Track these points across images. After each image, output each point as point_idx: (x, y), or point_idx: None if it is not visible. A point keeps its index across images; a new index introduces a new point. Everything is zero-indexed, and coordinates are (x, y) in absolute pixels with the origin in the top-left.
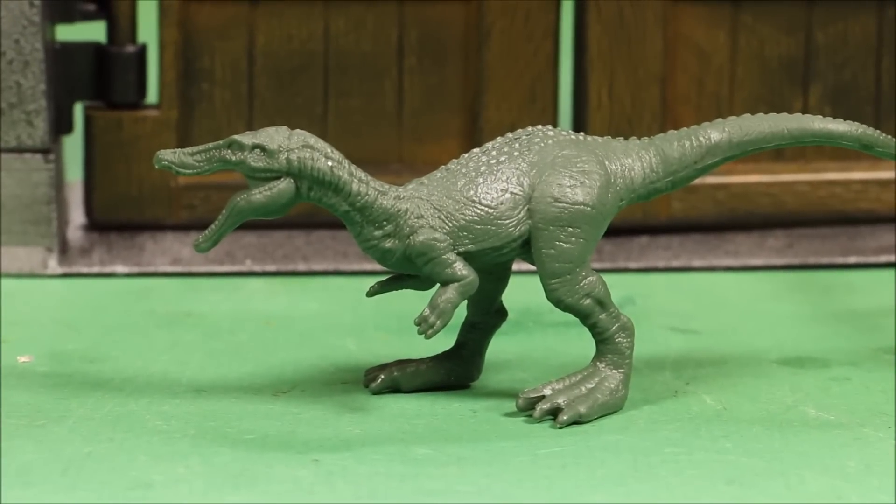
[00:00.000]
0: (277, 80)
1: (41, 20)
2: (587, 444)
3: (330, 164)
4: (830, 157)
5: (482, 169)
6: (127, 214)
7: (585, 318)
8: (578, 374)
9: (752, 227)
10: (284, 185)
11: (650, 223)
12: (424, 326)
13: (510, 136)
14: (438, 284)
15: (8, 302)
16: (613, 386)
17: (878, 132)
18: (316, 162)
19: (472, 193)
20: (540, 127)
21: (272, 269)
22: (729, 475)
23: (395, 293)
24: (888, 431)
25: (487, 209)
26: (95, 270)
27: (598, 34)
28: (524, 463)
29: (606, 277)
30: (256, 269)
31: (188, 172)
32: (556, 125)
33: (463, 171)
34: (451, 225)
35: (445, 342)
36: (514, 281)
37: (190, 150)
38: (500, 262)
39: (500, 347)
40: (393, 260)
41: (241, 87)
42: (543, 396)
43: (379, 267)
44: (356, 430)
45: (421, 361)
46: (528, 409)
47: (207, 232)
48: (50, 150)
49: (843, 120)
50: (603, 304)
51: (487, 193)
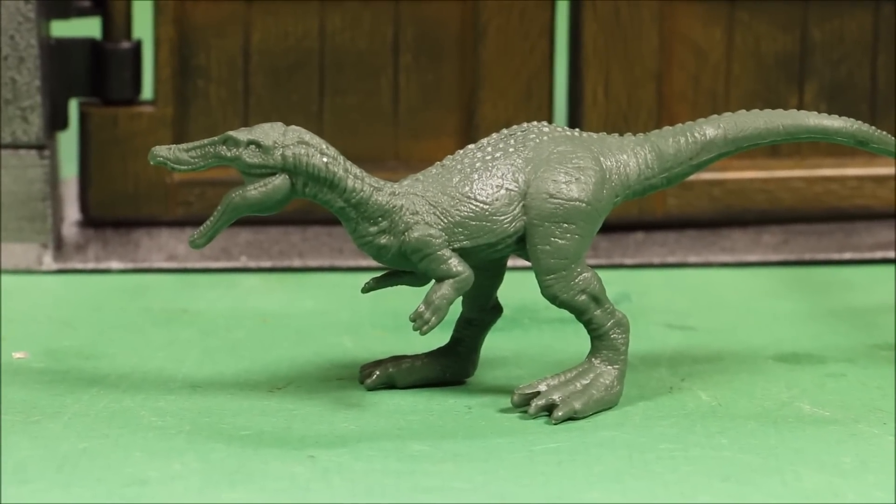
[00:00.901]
0: (273, 77)
1: (36, 16)
2: (583, 440)
3: (325, 160)
4: (826, 153)
5: (477, 165)
6: (122, 211)
7: (581, 314)
8: (573, 370)
9: (747, 223)
10: (279, 181)
11: (646, 219)
12: (420, 323)
13: (505, 132)
14: (433, 281)
15: (3, 298)
16: (609, 382)
17: (873, 128)
18: (311, 158)
19: (467, 189)
20: (535, 123)
21: (268, 265)
22: (725, 471)
23: (390, 289)
24: (884, 427)
25: (483, 205)
26: (91, 267)
27: (593, 31)
28: (520, 459)
29: (602, 274)
30: (252, 265)
31: (183, 168)
32: (551, 122)
33: (458, 167)
34: (446, 221)
35: (441, 338)
36: (509, 277)
37: (185, 146)
38: (495, 258)
39: (495, 344)
40: (388, 256)
41: (236, 84)
42: (538, 392)
43: (375, 263)
44: (352, 426)
45: (416, 358)
46: (523, 405)
47: (202, 228)
48: (45, 146)
49: (838, 116)
50: (598, 300)
51: (483, 189)
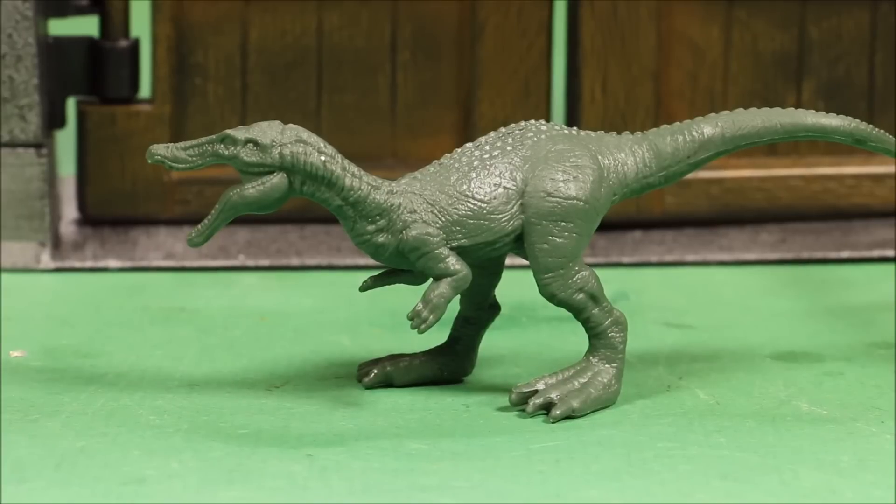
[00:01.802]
0: (271, 75)
1: (34, 15)
2: (580, 438)
3: (323, 158)
4: (824, 151)
5: (475, 163)
6: (120, 209)
7: (578, 312)
8: (571, 368)
9: (745, 221)
10: (277, 179)
11: (644, 218)
12: (417, 321)
13: (503, 130)
14: (431, 279)
15: (1, 297)
16: (606, 380)
17: (871, 127)
18: (309, 157)
19: (465, 188)
20: (533, 121)
21: (266, 263)
22: (722, 470)
23: (388, 288)
24: (882, 426)
25: (480, 204)
26: (88, 265)
27: (591, 30)
28: (518, 458)
29: (600, 272)
30: (250, 263)
31: (181, 167)
32: (549, 120)
33: (456, 165)
34: (444, 219)
35: (439, 337)
36: (507, 276)
37: (182, 144)
38: (493, 256)
39: (493, 342)
40: (386, 255)
41: (234, 82)
42: (536, 391)
43: (373, 262)
44: (350, 424)
45: (414, 356)
46: (520, 403)
47: (200, 226)
48: (43, 144)
49: (836, 115)
50: (596, 298)
51: (480, 188)
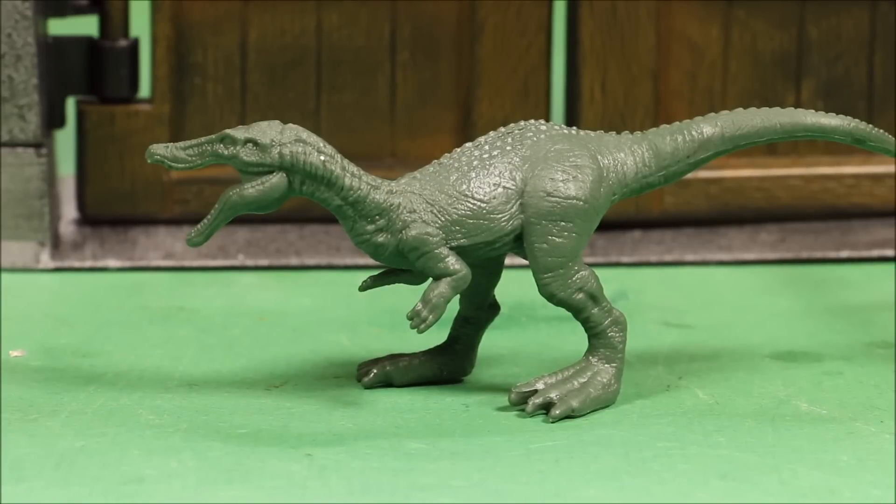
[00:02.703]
0: (270, 74)
1: (33, 14)
2: (580, 438)
3: (322, 158)
4: (823, 151)
5: (475, 163)
6: (119, 209)
7: (578, 312)
8: (571, 368)
9: (744, 221)
10: (277, 179)
11: (643, 217)
12: (417, 321)
13: (502, 130)
14: (431, 279)
15: (0, 297)
16: (606, 380)
17: (870, 126)
18: (308, 156)
19: (464, 188)
20: (532, 121)
21: (265, 263)
22: (722, 470)
23: (387, 288)
24: (881, 426)
25: (480, 203)
26: (88, 265)
27: (590, 29)
28: (517, 457)
29: (599, 272)
30: (249, 263)
31: (180, 167)
32: (548, 120)
33: (455, 165)
34: (443, 219)
35: (438, 336)
36: (506, 275)
37: (182, 144)
38: (492, 256)
39: (492, 342)
40: (386, 254)
41: (233, 81)
42: (536, 391)
43: (372, 262)
44: (349, 424)
45: (414, 356)
46: (520, 403)
47: (200, 226)
48: (42, 144)
49: (835, 114)
50: (595, 298)
51: (480, 188)
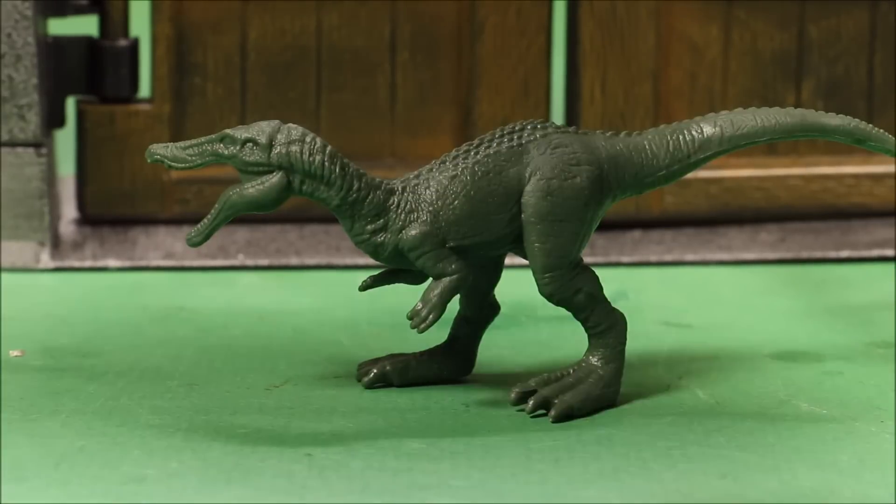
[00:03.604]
0: (270, 74)
1: (33, 14)
2: (580, 438)
3: (322, 157)
4: (823, 151)
5: (474, 164)
6: (119, 209)
7: (578, 312)
8: (571, 368)
9: (744, 221)
10: (277, 179)
11: (643, 217)
12: (417, 320)
13: (502, 130)
14: (431, 279)
15: (0, 297)
16: (606, 380)
17: (871, 126)
18: (308, 156)
19: (464, 188)
20: (531, 121)
21: (265, 263)
22: (722, 469)
23: (387, 288)
24: (881, 425)
25: (479, 204)
26: (88, 265)
27: (590, 29)
28: (517, 457)
29: (599, 272)
30: (249, 263)
31: (180, 166)
32: (548, 120)
33: (455, 165)
34: (443, 219)
35: (438, 336)
36: (506, 275)
37: (182, 143)
38: (492, 256)
39: (493, 342)
40: (385, 254)
41: (233, 81)
42: (536, 391)
43: (372, 261)
44: (349, 424)
45: (413, 356)
46: (520, 403)
47: (200, 226)
48: (42, 144)
49: (835, 114)
50: (595, 298)
51: (479, 188)
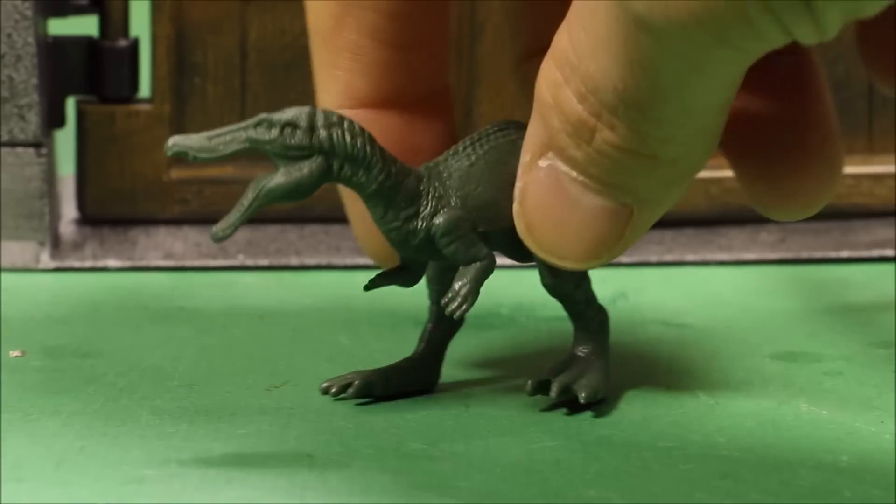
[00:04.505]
0: (270, 74)
1: (33, 14)
2: (580, 438)
3: (363, 140)
4: None
5: (484, 153)
6: (119, 209)
7: (574, 305)
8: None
9: (744, 221)
10: (317, 164)
11: None
12: (454, 306)
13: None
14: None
15: (0, 297)
16: (604, 371)
17: None
18: (350, 138)
19: (482, 174)
20: (505, 120)
21: (265, 263)
22: (722, 470)
23: (387, 288)
24: (882, 426)
25: (498, 192)
26: (88, 265)
27: None
28: (518, 458)
29: (599, 272)
30: (249, 263)
31: (206, 157)
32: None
33: (468, 155)
34: (471, 204)
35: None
36: (507, 275)
37: (207, 133)
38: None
39: (493, 342)
40: (416, 242)
41: (233, 81)
42: (550, 380)
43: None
44: (349, 424)
45: (377, 373)
46: (537, 393)
47: (228, 219)
48: (42, 144)
49: None
50: (590, 293)
51: (495, 175)
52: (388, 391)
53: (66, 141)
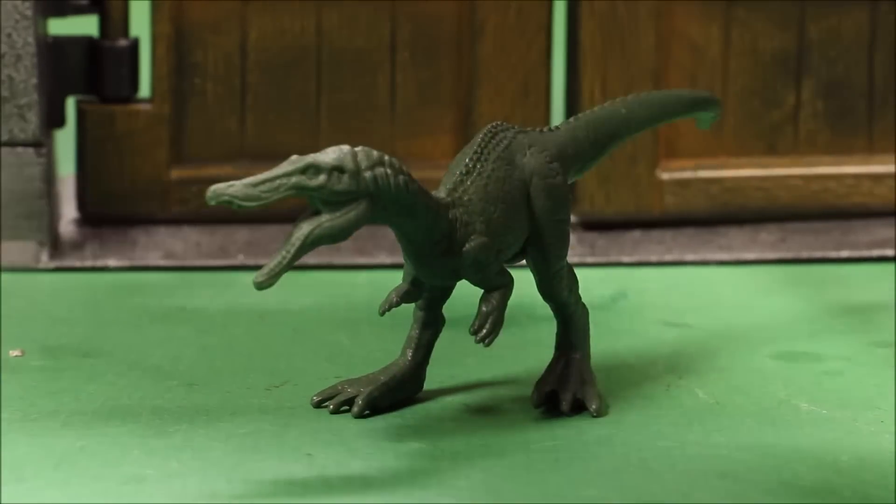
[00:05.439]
0: (270, 74)
1: (33, 14)
2: (580, 438)
3: (403, 179)
4: (824, 151)
5: (491, 170)
6: (119, 208)
7: (565, 308)
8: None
9: (744, 221)
10: (364, 206)
11: (643, 217)
12: (483, 335)
13: (482, 139)
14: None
15: (0, 296)
16: (590, 372)
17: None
18: (393, 178)
19: (498, 194)
20: (494, 124)
21: (265, 263)
22: (722, 469)
23: (386, 287)
24: (881, 425)
25: (509, 209)
26: (88, 265)
27: (591, 29)
28: (518, 457)
29: (599, 272)
30: (249, 263)
31: (252, 205)
32: (548, 120)
33: (479, 173)
34: (492, 230)
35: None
36: None
37: (251, 180)
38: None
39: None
40: (443, 271)
41: (233, 81)
42: (556, 391)
43: (371, 261)
44: (349, 424)
45: (362, 381)
46: (543, 404)
47: (271, 267)
48: (42, 144)
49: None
50: (575, 293)
51: (505, 192)
52: (393, 401)
53: (66, 141)
